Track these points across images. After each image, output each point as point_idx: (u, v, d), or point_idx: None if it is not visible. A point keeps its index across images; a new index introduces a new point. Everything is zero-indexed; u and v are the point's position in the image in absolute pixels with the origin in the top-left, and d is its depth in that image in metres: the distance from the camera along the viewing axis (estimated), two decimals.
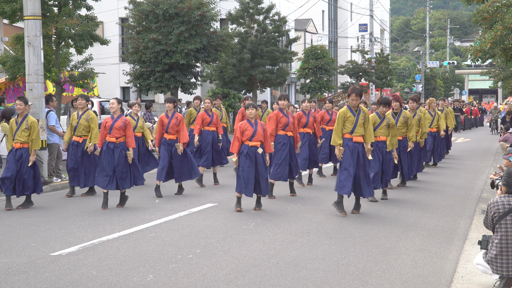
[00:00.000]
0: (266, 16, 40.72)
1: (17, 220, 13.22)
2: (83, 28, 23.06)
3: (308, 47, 49.91)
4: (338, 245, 10.71)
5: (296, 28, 60.96)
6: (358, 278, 8.85)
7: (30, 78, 18.34)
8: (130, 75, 28.52)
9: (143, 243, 10.99)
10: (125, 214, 13.71)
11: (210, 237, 11.36)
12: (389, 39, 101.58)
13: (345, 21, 76.60)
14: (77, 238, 11.37)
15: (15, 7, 22.18)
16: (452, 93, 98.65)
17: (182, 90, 28.01)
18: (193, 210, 14.07)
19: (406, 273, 9.13)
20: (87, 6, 24.30)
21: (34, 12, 18.25)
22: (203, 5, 26.96)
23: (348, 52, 72.70)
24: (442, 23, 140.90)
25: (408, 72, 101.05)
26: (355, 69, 55.04)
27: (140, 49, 26.83)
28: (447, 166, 23.27)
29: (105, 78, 43.93)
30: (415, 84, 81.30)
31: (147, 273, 9.08)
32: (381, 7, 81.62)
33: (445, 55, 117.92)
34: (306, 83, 49.03)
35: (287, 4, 58.64)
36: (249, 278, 8.88)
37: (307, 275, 8.97)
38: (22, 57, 21.40)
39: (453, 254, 10.20)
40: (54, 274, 9.07)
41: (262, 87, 41.48)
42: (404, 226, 12.41)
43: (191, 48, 26.07)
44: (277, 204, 14.84)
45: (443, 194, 16.54)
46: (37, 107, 18.22)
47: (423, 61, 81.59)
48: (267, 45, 40.01)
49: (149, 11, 26.72)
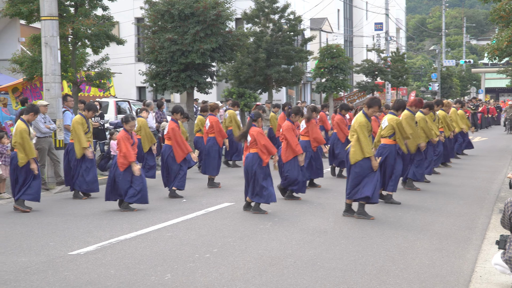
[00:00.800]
0: (282, 15, 40.66)
1: (35, 219, 13.29)
2: (99, 28, 23.11)
3: (324, 46, 49.79)
4: (355, 245, 10.70)
5: (312, 27, 60.90)
6: (376, 278, 8.84)
7: (47, 78, 18.43)
8: (146, 75, 28.51)
9: (161, 242, 11.02)
10: (142, 214, 13.75)
11: (227, 236, 11.38)
12: (404, 37, 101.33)
13: (361, 20, 76.48)
14: (95, 237, 11.41)
15: (32, 7, 22.26)
16: (469, 92, 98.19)
17: (198, 89, 28.01)
18: (210, 210, 14.10)
19: (424, 272, 9.11)
20: (103, 6, 24.35)
21: (50, 12, 18.34)
22: (218, 4, 26.93)
23: (364, 51, 72.51)
24: (458, 21, 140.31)
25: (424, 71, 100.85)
26: (370, 68, 54.86)
27: (156, 49, 26.83)
28: (464, 165, 23.20)
29: (121, 78, 44.08)
30: (431, 83, 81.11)
31: (165, 272, 9.10)
32: (397, 5, 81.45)
33: (461, 53, 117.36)
34: (322, 82, 48.93)
35: (302, 3, 58.59)
36: (267, 277, 8.88)
37: (325, 275, 8.96)
38: (39, 58, 21.47)
39: (471, 254, 10.17)
40: (72, 273, 9.11)
41: (278, 86, 41.42)
42: (421, 225, 12.38)
43: (206, 47, 26.05)
44: (294, 204, 14.84)
45: (460, 193, 16.48)
46: (54, 107, 18.31)
47: (439, 59, 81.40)
48: (283, 44, 39.95)
49: (165, 11, 26.72)
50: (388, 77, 55.46)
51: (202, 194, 16.53)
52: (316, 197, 15.83)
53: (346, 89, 49.79)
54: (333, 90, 48.12)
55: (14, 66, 24.20)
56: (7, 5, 22.97)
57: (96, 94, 29.40)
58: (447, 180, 18.90)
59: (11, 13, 23.03)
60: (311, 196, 15.87)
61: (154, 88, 28.40)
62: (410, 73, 66.85)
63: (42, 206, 14.91)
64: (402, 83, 58.35)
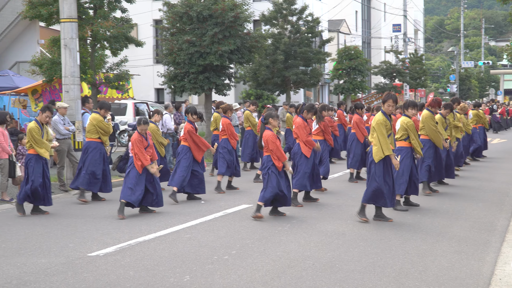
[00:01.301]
0: (300, 17, 40.65)
1: (55, 221, 13.36)
2: (118, 30, 23.22)
3: (342, 48, 49.78)
4: (373, 247, 10.68)
5: (330, 29, 60.86)
6: (395, 280, 8.82)
7: (66, 80, 18.53)
8: (165, 76, 28.59)
9: (179, 244, 11.05)
10: (160, 215, 13.79)
11: (245, 238, 11.39)
12: (423, 39, 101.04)
13: (379, 21, 76.31)
14: (114, 239, 11.46)
15: (51, 10, 22.39)
16: (487, 93, 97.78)
17: (216, 91, 28.07)
18: (228, 211, 14.12)
19: (443, 275, 9.08)
20: (122, 8, 24.46)
21: (70, 14, 18.43)
22: (236, 6, 26.98)
23: (382, 52, 72.41)
24: (476, 22, 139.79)
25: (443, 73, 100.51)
26: (388, 69, 54.80)
27: (174, 50, 26.90)
28: (483, 167, 23.10)
29: (140, 80, 44.25)
30: (449, 84, 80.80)
31: (184, 274, 9.13)
32: (415, 7, 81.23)
33: (479, 55, 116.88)
34: (340, 84, 48.91)
35: (320, 5, 58.56)
36: (285, 279, 8.89)
37: (343, 277, 8.96)
38: (58, 60, 21.59)
39: (490, 256, 10.12)
40: (92, 275, 9.16)
41: (296, 88, 41.42)
42: (440, 227, 12.33)
43: (225, 49, 26.10)
44: (312, 206, 14.83)
45: (479, 195, 16.40)
46: (74, 109, 18.40)
47: (457, 61, 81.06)
48: (301, 46, 39.94)
49: (183, 13, 26.80)
50: (406, 79, 55.35)
51: (221, 196, 16.56)
52: (335, 199, 15.81)
53: (364, 90, 49.74)
54: (351, 91, 48.09)
55: (33, 68, 24.35)
56: (27, 8, 23.13)
57: (113, 95, 29.49)
58: (465, 183, 18.81)
59: (31, 16, 23.20)
60: (329, 199, 15.85)
61: (173, 90, 28.48)
62: (428, 74, 66.68)
63: (61, 207, 14.98)
64: (420, 85, 58.22)
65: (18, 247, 10.98)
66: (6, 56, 35.86)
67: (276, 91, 40.55)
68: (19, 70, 33.75)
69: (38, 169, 14.28)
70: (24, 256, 10.33)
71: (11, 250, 10.80)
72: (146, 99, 45.06)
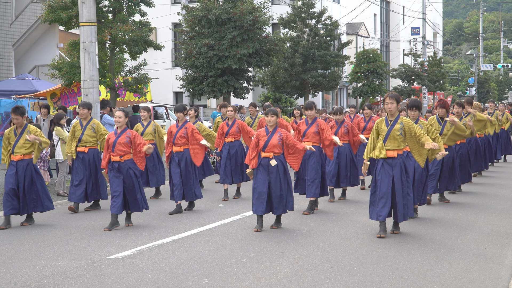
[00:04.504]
0: (318, 20, 40.69)
1: (74, 223, 13.42)
2: (137, 33, 23.33)
3: (360, 51, 49.77)
4: (392, 250, 10.66)
5: (348, 32, 60.75)
6: (413, 283, 8.80)
7: (85, 84, 18.63)
8: (183, 80, 28.75)
9: (198, 247, 11.07)
10: (179, 218, 13.82)
11: (263, 241, 11.40)
12: (441, 42, 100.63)
13: (397, 24, 76.09)
14: (132, 242, 11.50)
15: (71, 14, 22.54)
16: (506, 96, 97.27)
17: (235, 94, 28.15)
18: (246, 214, 14.13)
19: (461, 278, 9.05)
20: (141, 12, 24.56)
21: (89, 18, 18.53)
22: (255, 10, 27.06)
23: (401, 55, 72.15)
24: (495, 25, 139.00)
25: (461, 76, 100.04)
26: (407, 72, 54.66)
27: (193, 54, 27.03)
28: (502, 170, 22.98)
29: (158, 83, 44.33)
30: (468, 87, 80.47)
31: (202, 277, 9.15)
32: (434, 10, 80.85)
33: (498, 57, 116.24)
34: (358, 87, 48.86)
35: (339, 8, 58.52)
36: (304, 282, 8.89)
37: (362, 280, 8.95)
38: (77, 63, 21.72)
39: (509, 260, 10.08)
40: (110, 277, 9.20)
41: (314, 91, 41.45)
42: (458, 230, 12.29)
43: (243, 52, 26.18)
44: (330, 209, 14.82)
45: (498, 198, 16.32)
46: (93, 112, 18.45)
47: (476, 64, 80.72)
48: (319, 49, 39.95)
49: (202, 16, 26.93)
50: (425, 82, 55.20)
51: (238, 199, 16.57)
52: (353, 202, 15.79)
53: (383, 93, 49.64)
54: (370, 94, 48.04)
55: (53, 71, 24.52)
56: (46, 12, 23.29)
57: (131, 99, 29.60)
58: (485, 185, 18.72)
59: (50, 19, 23.36)
60: (347, 202, 15.84)
61: (191, 93, 28.57)
62: (447, 77, 66.49)
63: (80, 210, 15.03)
64: (439, 88, 58.06)
65: (37, 250, 11.04)
66: (25, 59, 36.06)
67: (295, 94, 40.60)
68: (38, 74, 33.89)
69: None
70: (42, 259, 10.38)
71: (30, 252, 10.86)
72: (165, 103, 45.17)
